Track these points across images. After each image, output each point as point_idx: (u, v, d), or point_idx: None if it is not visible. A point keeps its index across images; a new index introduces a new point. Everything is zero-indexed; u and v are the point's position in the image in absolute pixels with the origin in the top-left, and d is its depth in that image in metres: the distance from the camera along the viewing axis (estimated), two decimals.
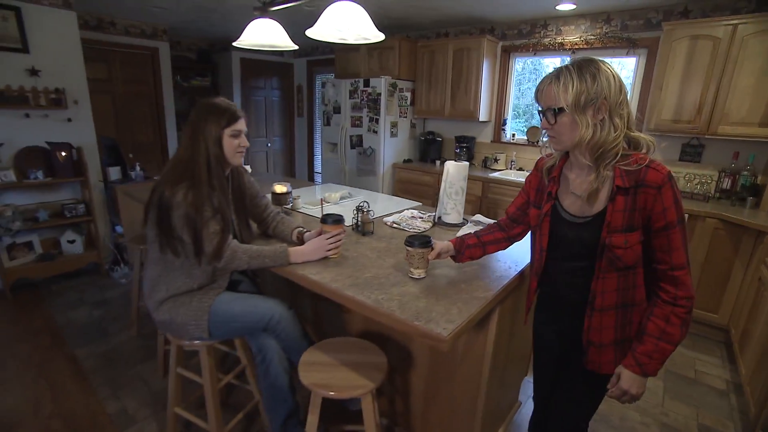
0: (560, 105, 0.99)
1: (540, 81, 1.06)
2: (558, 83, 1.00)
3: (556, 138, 1.06)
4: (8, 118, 2.88)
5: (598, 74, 0.97)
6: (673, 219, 0.97)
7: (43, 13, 2.91)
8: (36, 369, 2.20)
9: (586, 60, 1.01)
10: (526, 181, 1.29)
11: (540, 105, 1.07)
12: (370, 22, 1.68)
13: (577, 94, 0.98)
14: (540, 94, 1.05)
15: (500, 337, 1.42)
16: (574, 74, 0.98)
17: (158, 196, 1.28)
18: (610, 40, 3.28)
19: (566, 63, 1.03)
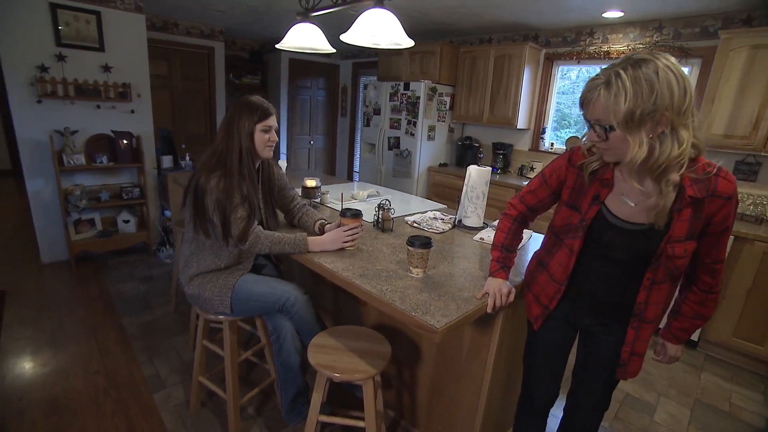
0: (610, 122, 0.87)
1: (586, 87, 0.92)
2: (609, 94, 0.86)
3: (609, 152, 0.95)
4: (83, 108, 3.24)
5: (656, 80, 0.83)
6: (731, 224, 0.97)
7: (118, 16, 3.25)
8: (89, 330, 2.47)
9: (640, 60, 0.85)
10: (553, 176, 1.16)
11: (586, 116, 0.95)
12: (401, 28, 1.76)
13: (631, 108, 0.83)
14: (587, 105, 0.92)
15: (505, 340, 1.45)
16: (627, 83, 0.84)
17: (195, 181, 1.43)
18: (660, 49, 3.12)
19: (617, 64, 0.87)
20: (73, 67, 3.12)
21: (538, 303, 1.26)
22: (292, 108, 5.73)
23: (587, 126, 0.96)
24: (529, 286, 1.31)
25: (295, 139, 5.92)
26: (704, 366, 2.59)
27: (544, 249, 1.25)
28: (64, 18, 3.06)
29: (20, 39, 2.91)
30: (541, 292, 1.24)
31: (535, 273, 1.28)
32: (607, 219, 1.03)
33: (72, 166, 3.12)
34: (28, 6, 2.90)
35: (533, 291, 1.28)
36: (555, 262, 1.17)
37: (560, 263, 1.15)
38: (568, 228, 1.11)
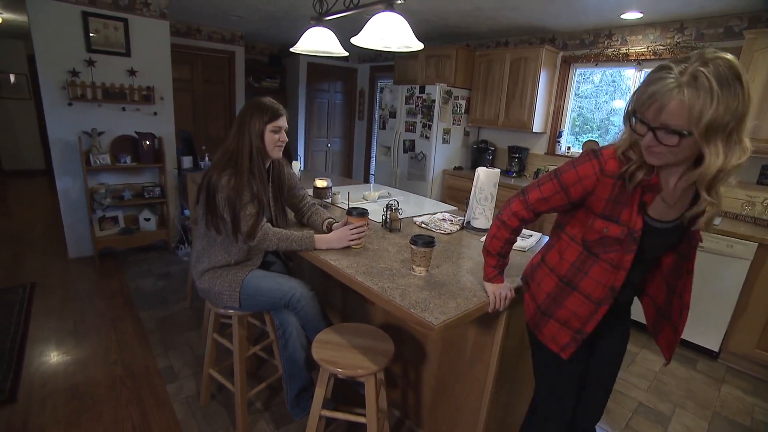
0: (690, 129, 0.78)
1: (657, 84, 0.79)
2: (697, 98, 0.76)
3: (663, 156, 0.86)
4: (110, 110, 3.39)
5: (740, 88, 0.76)
6: None
7: (144, 23, 3.39)
8: (109, 323, 2.57)
9: (717, 58, 0.76)
10: (576, 186, 1.02)
11: (648, 116, 0.83)
12: (411, 31, 1.78)
13: (717, 117, 0.76)
14: (659, 107, 0.80)
15: (508, 341, 1.44)
16: (715, 85, 0.75)
17: (207, 179, 1.49)
18: (682, 51, 3.07)
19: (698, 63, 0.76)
20: (101, 72, 3.27)
21: (567, 328, 1.11)
22: (310, 111, 5.83)
23: (644, 129, 0.85)
24: (550, 314, 1.14)
25: (313, 142, 6.01)
26: (725, 378, 2.50)
27: (572, 266, 1.09)
28: (95, 25, 3.21)
29: (54, 45, 3.07)
30: (572, 317, 1.09)
31: (559, 297, 1.11)
32: (648, 224, 0.98)
33: (98, 165, 3.27)
34: (62, 14, 3.06)
35: (558, 317, 1.12)
36: (590, 281, 1.05)
37: (599, 281, 1.04)
38: (605, 241, 1.01)
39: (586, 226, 1.05)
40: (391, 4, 1.78)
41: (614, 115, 3.79)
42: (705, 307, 2.63)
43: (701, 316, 2.65)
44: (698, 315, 2.66)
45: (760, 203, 2.81)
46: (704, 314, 2.64)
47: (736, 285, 2.51)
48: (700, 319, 2.66)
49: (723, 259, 2.54)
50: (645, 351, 2.72)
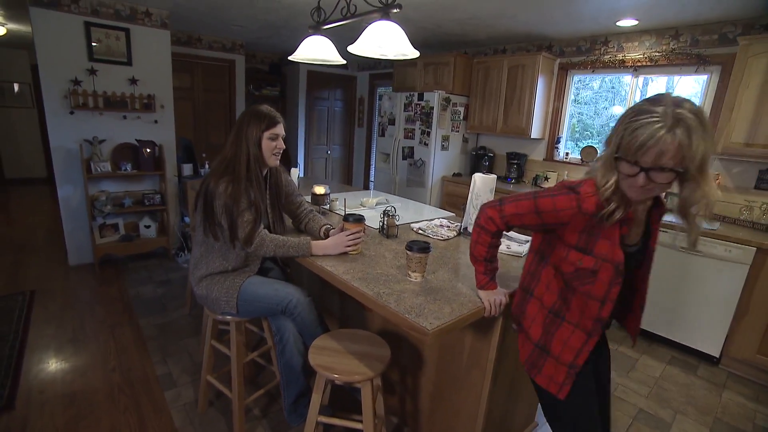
0: (686, 166, 0.85)
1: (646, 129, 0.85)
2: (688, 138, 0.82)
3: (650, 194, 0.94)
4: (111, 118, 3.42)
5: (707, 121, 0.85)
6: None
7: (146, 32, 3.44)
8: (108, 329, 2.57)
9: (688, 102, 0.85)
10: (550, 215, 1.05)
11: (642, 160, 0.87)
12: (407, 39, 1.81)
13: (708, 151, 0.84)
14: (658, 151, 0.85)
15: (505, 347, 1.44)
16: (700, 127, 0.83)
17: (205, 186, 1.50)
18: (677, 57, 3.10)
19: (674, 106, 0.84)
20: (103, 80, 3.31)
21: (561, 365, 1.10)
22: (310, 118, 5.87)
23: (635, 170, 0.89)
24: (549, 350, 1.12)
25: (313, 149, 6.04)
26: (726, 384, 2.49)
27: (558, 297, 1.11)
28: (97, 35, 3.26)
29: (57, 55, 3.12)
30: (565, 349, 1.09)
31: (550, 328, 1.12)
32: (627, 251, 1.04)
33: (99, 173, 3.29)
34: (66, 25, 3.11)
35: (553, 352, 1.11)
36: (575, 311, 1.07)
37: (583, 312, 1.06)
38: (580, 273, 1.03)
39: (561, 257, 1.07)
40: (387, 13, 1.80)
41: (614, 120, 3.79)
42: (705, 312, 2.62)
43: (701, 322, 2.65)
44: (698, 320, 2.66)
45: (758, 207, 2.82)
46: (704, 320, 2.63)
47: (736, 290, 2.50)
48: (700, 324, 2.65)
49: (722, 264, 2.54)
50: (645, 357, 2.71)
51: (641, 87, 3.52)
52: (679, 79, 3.41)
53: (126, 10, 3.32)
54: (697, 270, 2.65)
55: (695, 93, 3.37)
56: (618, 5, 2.72)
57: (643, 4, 2.68)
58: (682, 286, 2.72)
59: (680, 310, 2.74)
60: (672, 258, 2.73)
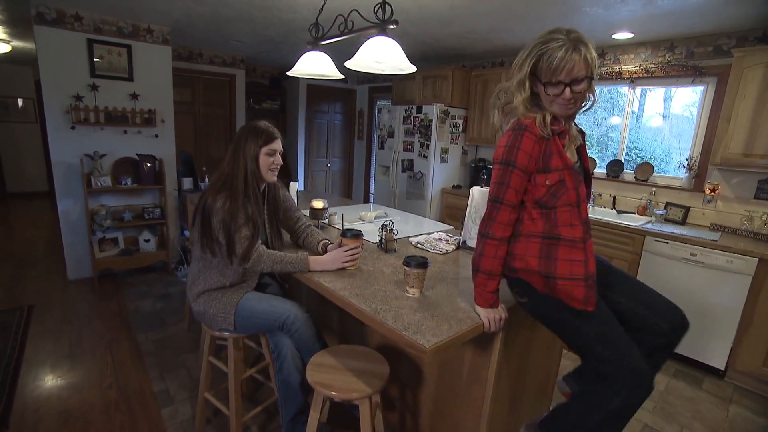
0: (590, 74, 1.09)
1: (557, 53, 1.07)
2: (589, 53, 1.08)
3: (575, 105, 1.13)
4: (112, 133, 3.45)
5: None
6: None
7: (147, 48, 3.49)
8: (105, 345, 2.55)
9: (572, 28, 1.10)
10: (526, 158, 1.14)
11: (562, 76, 1.08)
12: (404, 54, 1.82)
13: (594, 63, 1.10)
14: (569, 65, 1.07)
15: (506, 362, 1.42)
16: (590, 45, 1.09)
17: (203, 202, 1.50)
18: (673, 69, 3.12)
19: (562, 33, 1.09)
20: (104, 96, 3.35)
21: (576, 281, 1.15)
22: (310, 131, 5.91)
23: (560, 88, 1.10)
24: (554, 274, 1.16)
25: (313, 162, 6.07)
26: (732, 398, 2.44)
27: (545, 222, 1.19)
28: (99, 51, 3.30)
29: (59, 72, 3.16)
30: (572, 266, 1.15)
31: (550, 254, 1.17)
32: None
33: (99, 187, 3.30)
34: (69, 42, 3.16)
35: (561, 274, 1.15)
36: (564, 227, 1.17)
37: (570, 222, 1.17)
38: (552, 190, 1.16)
39: (531, 187, 1.19)
40: (384, 28, 1.83)
41: (612, 131, 3.84)
42: (709, 324, 2.60)
43: (705, 334, 2.62)
44: (702, 333, 2.63)
45: (758, 218, 2.81)
46: (708, 332, 2.60)
47: (739, 301, 2.48)
48: (705, 337, 2.62)
49: (724, 275, 2.52)
50: None
51: (639, 97, 3.55)
52: (675, 90, 3.43)
53: (128, 27, 3.37)
54: (699, 281, 2.63)
55: (692, 103, 3.39)
56: (613, 19, 2.75)
57: (638, 18, 2.71)
58: (685, 297, 2.69)
59: None
60: (674, 269, 2.72)
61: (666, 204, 3.21)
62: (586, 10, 2.63)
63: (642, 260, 2.88)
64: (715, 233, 2.80)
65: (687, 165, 3.15)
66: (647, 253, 2.85)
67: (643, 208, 3.32)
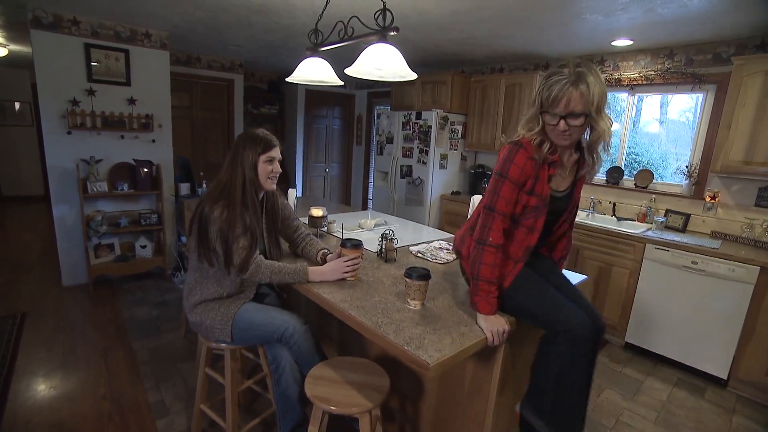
0: (587, 110, 1.11)
1: (557, 86, 1.11)
2: (587, 89, 1.09)
3: (571, 137, 1.17)
4: (109, 138, 3.42)
5: (601, 76, 1.13)
6: None
7: (145, 53, 3.47)
8: (100, 354, 2.51)
9: (587, 62, 1.13)
10: (518, 172, 1.22)
11: (558, 108, 1.12)
12: (404, 62, 1.81)
13: (600, 100, 1.11)
14: (565, 98, 1.10)
15: (508, 375, 1.39)
16: (595, 77, 1.10)
17: (200, 211, 1.47)
18: (673, 76, 3.12)
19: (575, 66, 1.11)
20: (101, 101, 3.32)
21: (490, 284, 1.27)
22: (309, 136, 5.89)
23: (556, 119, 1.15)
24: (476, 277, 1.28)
25: (311, 167, 6.04)
26: (736, 408, 2.42)
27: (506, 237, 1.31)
28: (96, 56, 3.28)
29: (56, 76, 3.13)
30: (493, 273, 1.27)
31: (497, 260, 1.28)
32: (555, 196, 1.30)
33: (95, 192, 3.27)
34: (65, 46, 3.13)
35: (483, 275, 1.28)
36: (514, 243, 1.32)
37: (519, 242, 1.31)
38: (527, 211, 1.28)
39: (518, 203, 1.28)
40: (384, 35, 1.81)
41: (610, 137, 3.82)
42: (711, 333, 2.58)
43: (707, 343, 2.60)
44: (704, 341, 2.61)
45: (759, 225, 2.80)
46: (710, 340, 2.58)
47: (741, 310, 2.46)
48: (707, 345, 2.60)
49: (725, 284, 2.51)
50: (651, 379, 2.65)
51: (636, 103, 3.54)
52: (671, 98, 3.43)
53: (126, 32, 3.35)
54: (700, 289, 2.61)
55: (689, 108, 3.40)
56: (613, 26, 2.75)
57: (637, 25, 2.71)
58: (686, 306, 2.68)
59: (685, 330, 2.69)
60: (675, 277, 2.70)
61: (666, 211, 3.20)
62: (586, 17, 2.62)
63: (642, 268, 2.86)
64: (716, 241, 2.79)
65: (687, 172, 3.14)
66: (648, 261, 2.84)
67: (643, 215, 3.31)
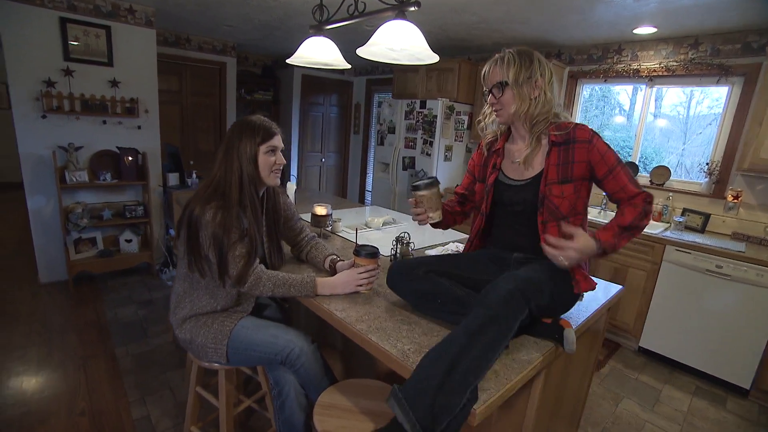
0: (504, 80, 1.21)
1: (486, 66, 1.27)
2: (503, 63, 1.22)
3: (501, 110, 1.25)
4: (89, 124, 3.13)
5: (533, 58, 1.22)
6: (612, 162, 1.17)
7: (129, 30, 3.17)
8: (79, 362, 2.29)
9: (523, 48, 1.24)
10: (470, 162, 1.47)
11: (486, 85, 1.27)
12: (425, 42, 1.59)
13: (517, 71, 1.20)
14: (488, 75, 1.26)
15: (545, 404, 1.22)
16: (515, 56, 1.21)
17: (188, 214, 1.25)
18: (696, 67, 2.94)
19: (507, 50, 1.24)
20: (80, 82, 3.03)
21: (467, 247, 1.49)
22: (304, 124, 5.62)
23: (486, 96, 1.28)
24: None
25: (307, 157, 5.79)
26: (759, 419, 2.30)
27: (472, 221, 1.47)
28: (74, 32, 2.98)
29: (28, 53, 2.83)
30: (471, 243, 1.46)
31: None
32: (504, 182, 1.32)
33: (74, 183, 3.00)
34: (38, 20, 2.83)
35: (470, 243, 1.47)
36: (475, 223, 1.42)
37: (477, 223, 1.41)
38: (482, 198, 1.37)
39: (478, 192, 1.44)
40: (402, 11, 1.59)
41: (605, 129, 3.75)
42: (733, 340, 2.44)
43: (729, 350, 2.47)
44: (726, 349, 2.48)
45: None
46: (733, 348, 2.45)
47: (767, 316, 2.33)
48: (729, 353, 2.47)
49: (752, 289, 2.37)
50: (668, 387, 2.52)
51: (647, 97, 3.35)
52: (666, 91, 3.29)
53: (107, 6, 3.05)
54: (724, 295, 2.47)
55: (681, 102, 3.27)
56: (639, 11, 2.55)
57: (663, 11, 2.51)
58: (708, 311, 2.54)
59: (706, 337, 2.55)
60: (697, 281, 2.55)
61: (683, 210, 3.04)
62: (611, 0, 2.41)
63: (661, 271, 2.71)
64: (740, 243, 2.64)
65: (707, 169, 2.98)
66: (667, 264, 2.68)
67: (658, 214, 3.15)
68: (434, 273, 1.22)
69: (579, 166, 1.18)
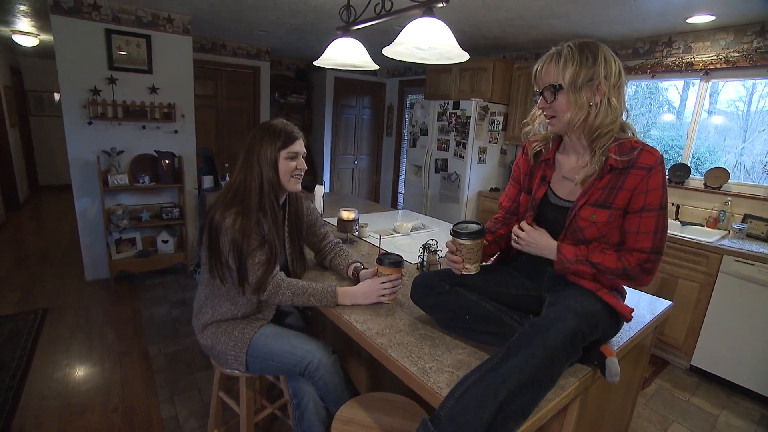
0: (558, 82, 1.00)
1: (538, 62, 1.06)
2: (558, 61, 1.00)
3: (554, 118, 1.06)
4: (130, 129, 3.27)
5: (598, 54, 0.98)
6: (654, 202, 0.97)
7: (167, 39, 3.29)
8: (116, 358, 2.37)
9: (586, 41, 1.02)
10: (515, 168, 1.27)
11: (537, 85, 1.08)
12: (454, 40, 1.51)
13: (576, 72, 0.98)
14: (540, 74, 1.05)
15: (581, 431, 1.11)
16: (576, 52, 0.99)
17: (209, 219, 1.24)
18: (762, 57, 2.66)
19: (567, 43, 1.02)
20: (122, 89, 3.17)
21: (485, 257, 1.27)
22: (337, 127, 5.65)
23: (537, 97, 1.09)
24: None
25: (339, 159, 5.81)
26: None
27: None
28: (117, 42, 3.12)
29: (77, 64, 2.99)
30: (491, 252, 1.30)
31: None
32: (551, 200, 1.14)
33: (116, 185, 3.14)
34: (86, 33, 2.98)
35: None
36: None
37: None
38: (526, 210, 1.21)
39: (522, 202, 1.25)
40: (430, 8, 1.52)
41: (652, 128, 3.52)
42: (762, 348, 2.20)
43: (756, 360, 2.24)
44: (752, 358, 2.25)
45: None
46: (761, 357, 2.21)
47: None
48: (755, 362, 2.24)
49: None
50: (726, 413, 2.28)
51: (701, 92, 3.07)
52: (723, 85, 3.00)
53: (147, 17, 3.18)
54: (751, 301, 2.26)
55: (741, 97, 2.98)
56: None
57: None
58: None
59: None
60: (760, 296, 2.30)
61: (744, 216, 2.76)
62: None
63: (717, 283, 2.47)
64: None
65: None
66: (725, 275, 2.44)
67: (714, 220, 2.88)
68: (462, 287, 1.14)
69: (625, 194, 0.99)
